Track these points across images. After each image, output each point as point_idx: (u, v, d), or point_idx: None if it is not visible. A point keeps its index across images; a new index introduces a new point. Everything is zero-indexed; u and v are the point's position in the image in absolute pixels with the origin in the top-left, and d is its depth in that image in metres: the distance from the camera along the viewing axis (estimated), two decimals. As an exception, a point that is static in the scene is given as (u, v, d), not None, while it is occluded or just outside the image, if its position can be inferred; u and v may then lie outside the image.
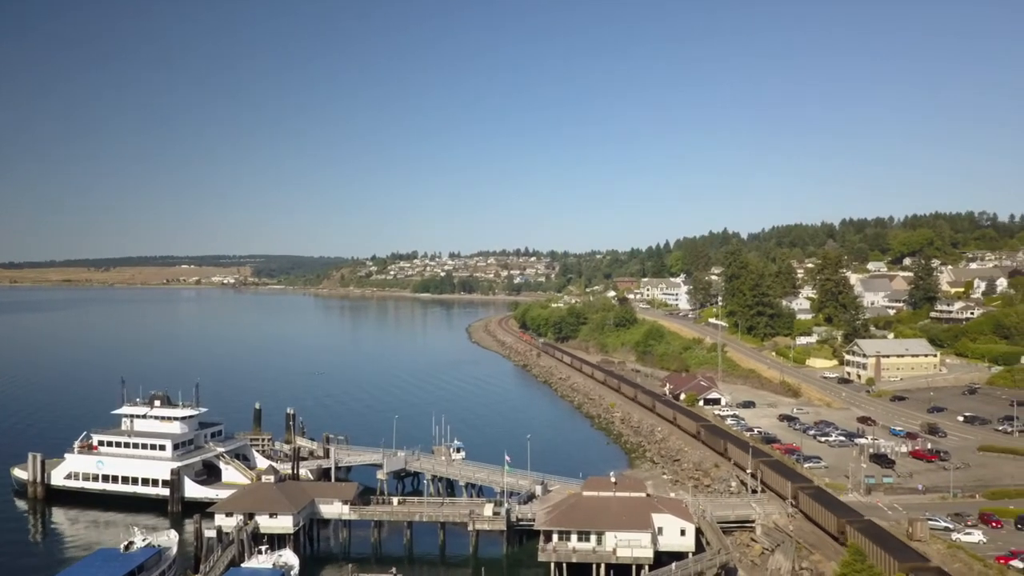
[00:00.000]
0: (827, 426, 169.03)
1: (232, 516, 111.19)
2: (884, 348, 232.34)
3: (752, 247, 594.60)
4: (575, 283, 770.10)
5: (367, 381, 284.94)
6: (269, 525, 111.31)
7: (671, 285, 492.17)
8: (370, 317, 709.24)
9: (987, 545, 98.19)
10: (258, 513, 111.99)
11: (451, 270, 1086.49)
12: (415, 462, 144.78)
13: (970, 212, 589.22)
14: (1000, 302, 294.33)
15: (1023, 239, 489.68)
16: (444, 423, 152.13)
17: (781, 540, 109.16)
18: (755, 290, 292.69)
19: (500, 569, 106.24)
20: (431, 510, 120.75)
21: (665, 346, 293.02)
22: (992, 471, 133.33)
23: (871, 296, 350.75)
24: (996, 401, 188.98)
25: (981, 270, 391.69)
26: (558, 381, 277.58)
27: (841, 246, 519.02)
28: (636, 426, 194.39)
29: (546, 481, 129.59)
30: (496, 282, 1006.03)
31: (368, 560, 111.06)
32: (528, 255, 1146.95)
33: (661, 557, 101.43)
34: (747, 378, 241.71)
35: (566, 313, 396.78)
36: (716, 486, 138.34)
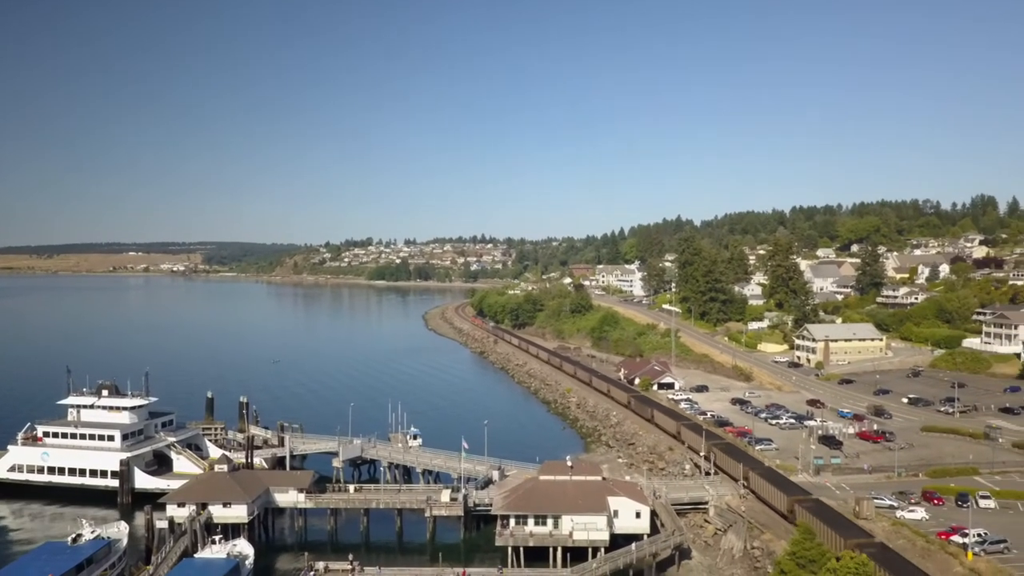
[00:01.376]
0: (778, 409, 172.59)
1: (184, 506, 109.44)
2: (833, 333, 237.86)
3: (705, 234, 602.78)
4: (532, 270, 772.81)
5: (322, 369, 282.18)
6: (223, 515, 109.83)
7: (626, 272, 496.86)
8: (324, 305, 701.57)
9: (929, 522, 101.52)
10: (211, 503, 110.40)
11: (407, 257, 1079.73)
12: (371, 449, 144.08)
13: (915, 200, 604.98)
14: (942, 287, 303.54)
15: (965, 226, 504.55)
16: (400, 410, 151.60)
17: (733, 520, 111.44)
18: (708, 276, 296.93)
19: (458, 554, 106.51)
20: (388, 497, 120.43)
21: (620, 332, 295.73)
22: (934, 451, 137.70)
23: (820, 282, 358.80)
24: (938, 383, 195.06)
25: (925, 256, 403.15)
26: (515, 367, 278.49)
27: (792, 233, 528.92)
28: (592, 411, 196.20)
29: (503, 466, 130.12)
30: (453, 269, 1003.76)
31: (324, 548, 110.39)
32: (485, 242, 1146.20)
33: (617, 539, 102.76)
34: (700, 363, 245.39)
35: (523, 300, 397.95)
36: (670, 469, 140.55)
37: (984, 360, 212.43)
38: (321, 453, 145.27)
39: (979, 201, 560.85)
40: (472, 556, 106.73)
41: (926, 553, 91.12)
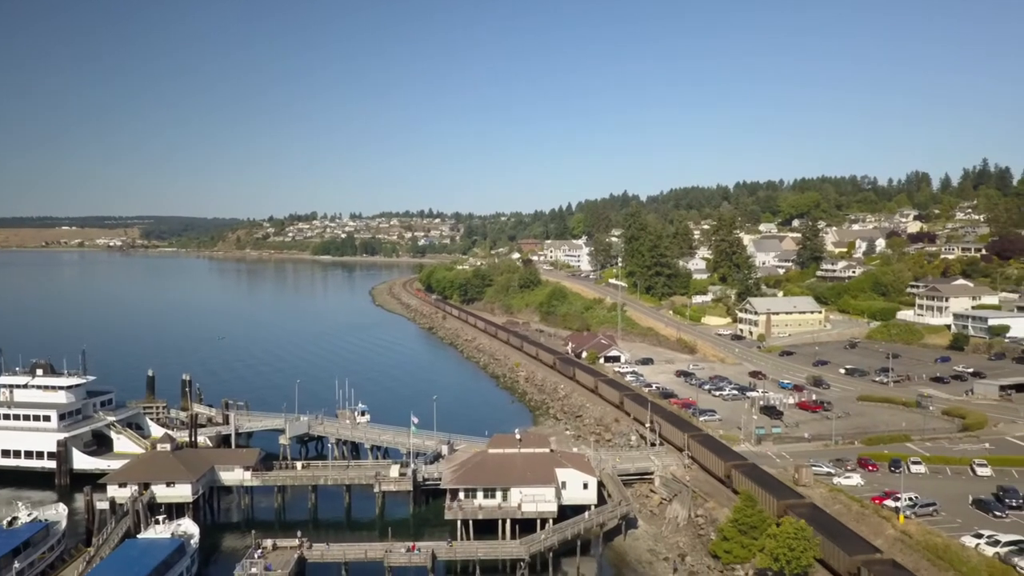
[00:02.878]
0: (721, 381, 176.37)
1: (126, 486, 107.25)
2: (774, 306, 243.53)
3: (651, 209, 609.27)
4: (480, 245, 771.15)
5: (267, 346, 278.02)
6: (166, 494, 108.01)
7: (573, 247, 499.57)
8: (269, 280, 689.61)
9: (864, 487, 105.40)
10: (154, 482, 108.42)
11: (352, 232, 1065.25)
12: (319, 426, 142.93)
13: (853, 176, 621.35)
14: (879, 261, 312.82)
15: (900, 202, 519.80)
16: (348, 387, 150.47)
17: (678, 490, 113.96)
18: (653, 251, 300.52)
19: (407, 529, 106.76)
20: (336, 473, 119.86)
21: (568, 306, 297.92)
22: (869, 419, 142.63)
23: (763, 256, 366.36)
24: (874, 354, 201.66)
25: (862, 231, 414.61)
26: (464, 342, 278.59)
27: (735, 208, 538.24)
28: (540, 384, 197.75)
29: (452, 441, 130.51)
30: (400, 244, 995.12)
31: (272, 526, 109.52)
32: (432, 217, 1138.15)
33: (565, 510, 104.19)
34: (646, 336, 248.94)
35: (471, 275, 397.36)
36: (617, 440, 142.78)
37: (917, 332, 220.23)
38: (267, 431, 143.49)
39: (914, 178, 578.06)
40: (422, 530, 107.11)
41: (860, 517, 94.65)
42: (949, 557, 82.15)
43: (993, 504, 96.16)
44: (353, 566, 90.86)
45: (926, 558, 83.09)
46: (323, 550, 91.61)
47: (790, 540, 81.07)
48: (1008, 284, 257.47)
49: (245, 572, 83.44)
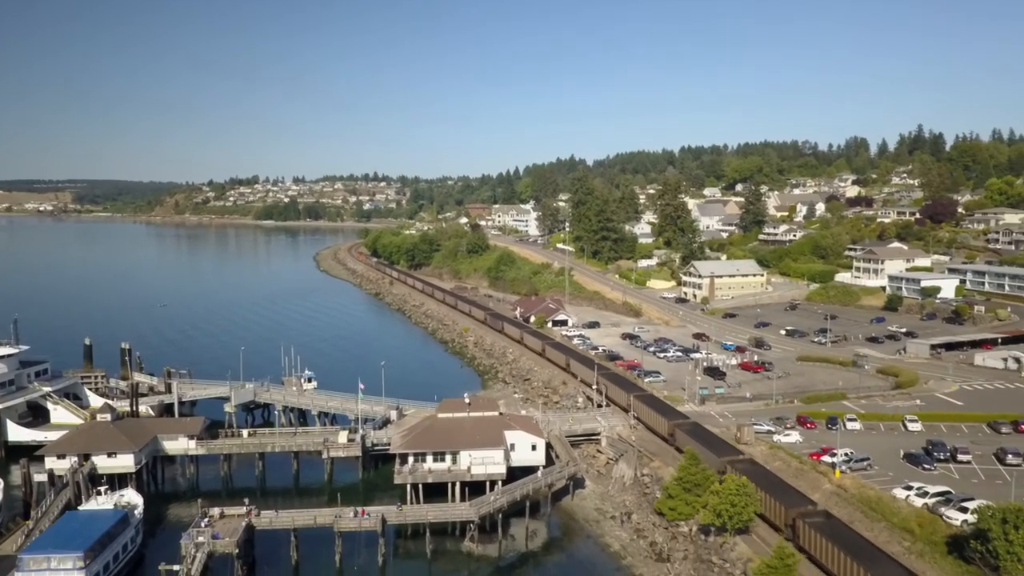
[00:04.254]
0: (666, 343, 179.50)
1: (65, 458, 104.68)
2: (717, 269, 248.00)
3: (598, 173, 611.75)
4: (427, 209, 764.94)
5: (210, 313, 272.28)
6: (107, 465, 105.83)
7: (521, 211, 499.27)
8: (210, 246, 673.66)
9: (803, 444, 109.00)
10: (94, 453, 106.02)
11: (296, 196, 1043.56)
12: (264, 393, 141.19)
13: (795, 141, 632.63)
14: (818, 225, 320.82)
15: (839, 167, 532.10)
16: (294, 353, 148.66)
17: (624, 450, 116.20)
18: (600, 216, 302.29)
19: (356, 494, 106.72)
20: (283, 440, 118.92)
21: (516, 271, 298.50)
22: (808, 379, 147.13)
23: (707, 220, 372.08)
24: (813, 315, 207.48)
25: (803, 195, 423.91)
26: (412, 308, 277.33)
27: (680, 172, 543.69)
28: (489, 349, 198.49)
29: (401, 406, 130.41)
30: (345, 208, 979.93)
31: (219, 494, 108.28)
32: (378, 180, 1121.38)
33: (514, 472, 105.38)
34: (592, 300, 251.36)
35: (419, 240, 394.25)
36: (564, 402, 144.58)
37: (854, 293, 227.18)
38: (212, 399, 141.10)
39: (852, 143, 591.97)
40: (371, 495, 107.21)
41: (799, 473, 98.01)
42: (881, 509, 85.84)
43: (923, 458, 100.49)
44: (302, 532, 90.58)
45: (860, 510, 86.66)
46: (271, 517, 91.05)
47: (732, 496, 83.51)
48: (940, 247, 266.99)
49: (192, 541, 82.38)
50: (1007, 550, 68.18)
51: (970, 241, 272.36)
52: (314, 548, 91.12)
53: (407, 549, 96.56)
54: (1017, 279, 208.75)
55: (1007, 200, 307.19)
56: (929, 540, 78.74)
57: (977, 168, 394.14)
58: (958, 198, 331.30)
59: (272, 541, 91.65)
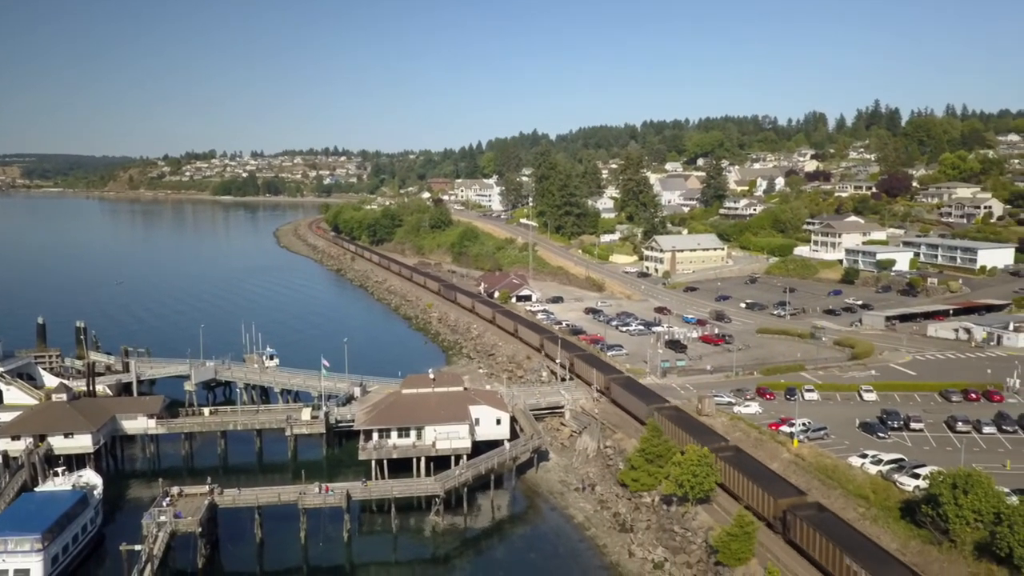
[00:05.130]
0: (628, 317, 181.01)
1: (19, 439, 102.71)
2: (679, 243, 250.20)
3: (560, 148, 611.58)
4: (389, 184, 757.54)
5: (168, 291, 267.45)
6: (65, 445, 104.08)
7: (484, 186, 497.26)
8: (166, 222, 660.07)
9: (762, 415, 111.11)
10: (50, 434, 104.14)
11: (254, 171, 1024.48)
12: (225, 371, 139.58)
13: (755, 116, 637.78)
14: (778, 199, 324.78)
15: (798, 141, 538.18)
16: (255, 331, 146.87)
17: (588, 423, 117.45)
18: (563, 191, 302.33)
19: (321, 471, 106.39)
20: (246, 418, 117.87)
21: (479, 247, 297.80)
22: (767, 351, 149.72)
23: (668, 195, 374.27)
24: (772, 289, 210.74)
25: (763, 170, 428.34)
26: (374, 284, 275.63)
27: (642, 147, 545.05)
28: (453, 325, 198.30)
29: (364, 382, 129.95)
30: (304, 183, 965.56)
31: (180, 473, 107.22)
32: (338, 154, 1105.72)
33: (479, 446, 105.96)
34: (556, 275, 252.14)
35: (380, 215, 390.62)
36: (529, 377, 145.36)
37: (812, 266, 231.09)
38: (171, 377, 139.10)
39: (811, 118, 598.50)
40: (336, 471, 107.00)
41: (759, 443, 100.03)
42: (837, 476, 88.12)
43: (877, 426, 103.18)
44: (266, 510, 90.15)
45: (817, 478, 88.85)
46: (235, 495, 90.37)
47: (694, 467, 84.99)
48: (895, 220, 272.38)
49: (154, 520, 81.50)
50: (956, 514, 70.52)
51: (924, 215, 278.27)
52: (278, 525, 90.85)
53: (372, 524, 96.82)
54: (968, 252, 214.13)
55: (959, 175, 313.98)
56: (883, 506, 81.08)
57: (931, 143, 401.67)
58: (913, 172, 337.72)
59: (236, 519, 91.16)
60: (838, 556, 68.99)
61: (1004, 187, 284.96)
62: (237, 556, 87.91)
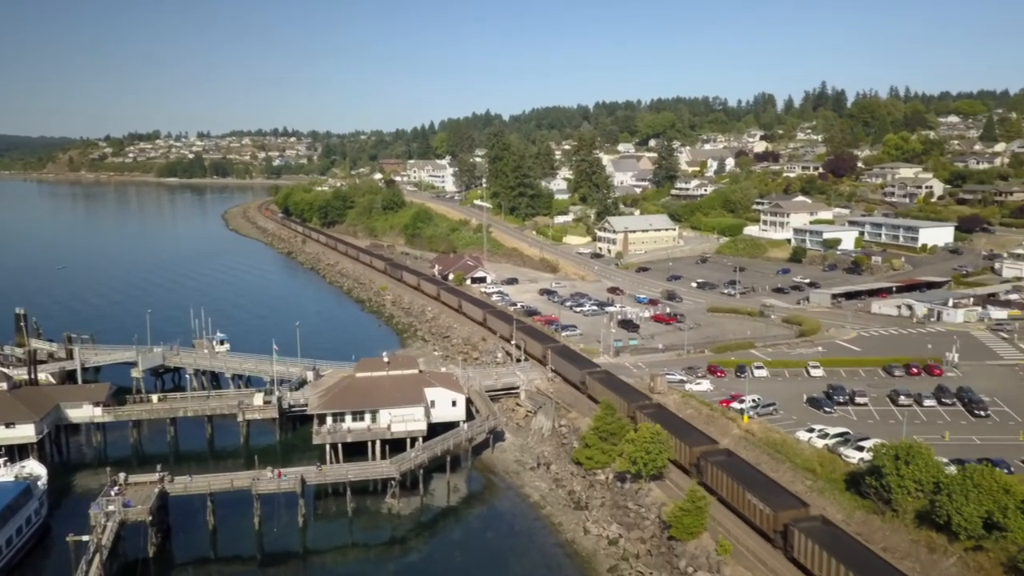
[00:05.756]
0: (582, 297, 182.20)
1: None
2: (631, 224, 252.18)
3: (513, 129, 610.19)
4: (339, 165, 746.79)
5: (112, 275, 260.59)
6: (6, 436, 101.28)
7: (437, 167, 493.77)
8: (110, 205, 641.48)
9: (713, 392, 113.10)
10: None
11: (201, 152, 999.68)
12: (174, 357, 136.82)
13: (706, 97, 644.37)
14: (728, 180, 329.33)
15: (748, 122, 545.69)
16: (204, 316, 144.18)
17: (543, 402, 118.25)
18: (517, 172, 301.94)
19: (274, 456, 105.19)
20: (196, 404, 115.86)
21: (433, 228, 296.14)
22: (718, 329, 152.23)
23: (621, 176, 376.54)
24: (723, 268, 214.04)
25: (713, 151, 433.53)
26: (326, 267, 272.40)
27: (595, 128, 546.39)
28: (407, 307, 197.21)
29: (317, 366, 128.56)
30: (253, 165, 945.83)
31: (129, 462, 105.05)
32: (288, 135, 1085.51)
33: (435, 428, 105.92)
34: (511, 256, 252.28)
35: (332, 197, 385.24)
36: (484, 358, 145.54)
37: (761, 246, 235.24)
38: (117, 364, 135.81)
39: (760, 99, 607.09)
40: (290, 456, 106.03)
41: (710, 419, 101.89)
42: (786, 451, 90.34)
43: (824, 401, 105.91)
44: (219, 497, 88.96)
45: (766, 452, 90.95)
46: (186, 482, 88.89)
47: (647, 444, 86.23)
48: (841, 200, 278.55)
49: (102, 510, 79.70)
50: (898, 484, 72.93)
51: (869, 195, 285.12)
52: (232, 512, 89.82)
53: (328, 509, 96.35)
54: (910, 231, 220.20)
55: (902, 155, 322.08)
56: (829, 478, 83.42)
57: (876, 124, 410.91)
58: (858, 153, 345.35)
59: (187, 507, 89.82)
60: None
61: (944, 167, 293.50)
62: (189, 544, 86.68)
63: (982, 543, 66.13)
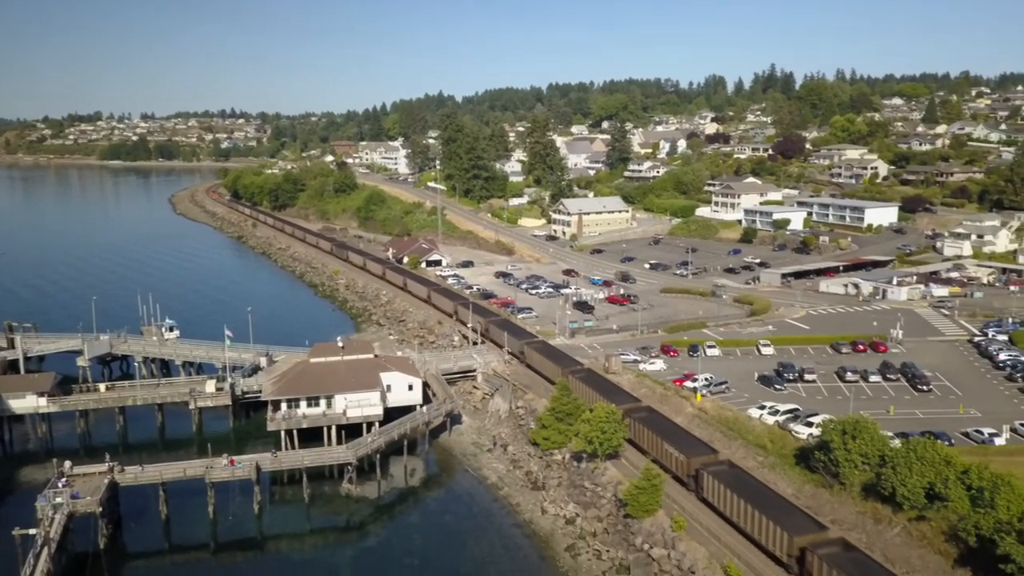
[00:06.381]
0: (537, 280, 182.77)
1: None
2: (585, 206, 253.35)
3: (467, 110, 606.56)
4: (290, 147, 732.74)
5: (55, 261, 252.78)
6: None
7: (390, 149, 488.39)
8: (50, 189, 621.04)
9: (667, 371, 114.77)
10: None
11: (145, 134, 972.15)
12: (122, 345, 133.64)
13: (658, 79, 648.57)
14: (680, 161, 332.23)
15: (699, 104, 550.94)
16: (152, 302, 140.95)
17: (499, 385, 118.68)
18: (471, 153, 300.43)
19: (228, 443, 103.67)
20: (146, 393, 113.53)
21: (387, 211, 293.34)
22: (671, 309, 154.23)
23: (575, 158, 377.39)
24: (675, 249, 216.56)
25: (666, 132, 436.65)
26: (277, 251, 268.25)
27: (548, 110, 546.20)
28: (361, 291, 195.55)
29: (271, 352, 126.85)
30: (201, 147, 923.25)
31: (76, 453, 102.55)
32: (236, 117, 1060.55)
33: (392, 413, 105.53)
34: (466, 239, 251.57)
35: (282, 179, 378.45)
36: (440, 341, 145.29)
37: (713, 227, 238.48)
38: (63, 353, 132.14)
39: (711, 81, 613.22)
40: (244, 444, 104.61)
41: (664, 398, 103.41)
42: (738, 428, 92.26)
43: (774, 379, 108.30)
44: (171, 486, 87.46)
45: (719, 430, 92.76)
46: (137, 472, 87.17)
47: (603, 424, 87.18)
48: (790, 181, 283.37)
49: (49, 503, 77.73)
50: (845, 458, 75.08)
51: (816, 176, 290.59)
52: (185, 501, 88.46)
53: (284, 495, 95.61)
54: (856, 211, 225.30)
55: (849, 136, 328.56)
56: (780, 453, 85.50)
57: (823, 106, 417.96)
58: (806, 135, 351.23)
59: (139, 497, 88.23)
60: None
61: (889, 149, 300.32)
62: (142, 535, 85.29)
63: (925, 513, 68.53)
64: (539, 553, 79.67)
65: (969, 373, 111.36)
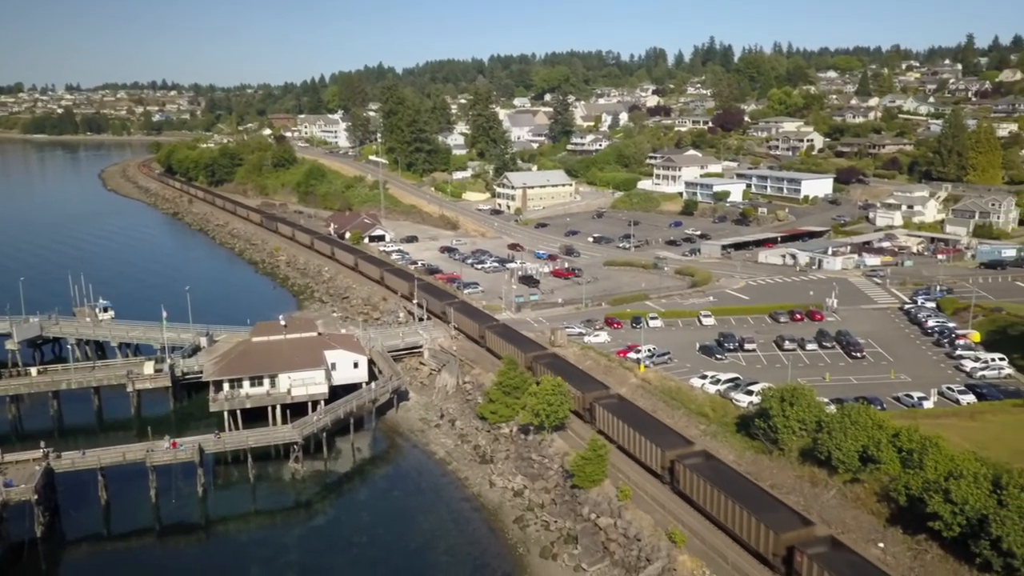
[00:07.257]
0: (483, 254, 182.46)
1: None
2: (529, 180, 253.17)
3: (408, 82, 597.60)
4: (225, 120, 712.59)
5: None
6: None
7: (330, 122, 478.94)
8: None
9: (611, 343, 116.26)
10: None
11: (71, 106, 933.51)
12: (53, 327, 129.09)
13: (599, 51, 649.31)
14: (622, 134, 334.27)
15: (640, 77, 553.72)
16: (85, 282, 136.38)
17: (446, 360, 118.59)
18: (412, 126, 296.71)
19: (169, 426, 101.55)
20: (81, 376, 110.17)
21: (327, 185, 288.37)
22: (614, 282, 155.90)
23: (518, 131, 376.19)
24: (618, 222, 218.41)
25: (607, 105, 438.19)
26: (215, 228, 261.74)
27: (490, 82, 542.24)
28: (303, 268, 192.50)
29: (211, 332, 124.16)
30: (131, 120, 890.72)
31: (9, 440, 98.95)
32: (167, 89, 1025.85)
33: (337, 391, 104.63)
34: (409, 214, 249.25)
35: (218, 154, 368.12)
36: (385, 318, 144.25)
37: (655, 199, 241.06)
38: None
39: (652, 54, 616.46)
40: (185, 426, 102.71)
41: (608, 370, 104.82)
42: (681, 397, 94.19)
43: (715, 349, 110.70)
44: (111, 471, 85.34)
45: (662, 400, 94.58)
46: (74, 458, 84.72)
47: (549, 396, 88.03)
48: (729, 154, 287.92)
49: (-20, 493, 75.25)
50: (784, 424, 77.39)
51: (755, 148, 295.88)
52: (125, 486, 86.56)
53: (228, 476, 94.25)
54: (793, 183, 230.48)
55: (786, 109, 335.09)
56: (722, 422, 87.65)
57: (761, 79, 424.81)
58: (745, 107, 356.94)
59: (77, 483, 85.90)
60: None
61: (824, 121, 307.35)
62: (81, 522, 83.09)
63: (859, 475, 71.21)
64: (488, 525, 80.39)
65: (900, 340, 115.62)
